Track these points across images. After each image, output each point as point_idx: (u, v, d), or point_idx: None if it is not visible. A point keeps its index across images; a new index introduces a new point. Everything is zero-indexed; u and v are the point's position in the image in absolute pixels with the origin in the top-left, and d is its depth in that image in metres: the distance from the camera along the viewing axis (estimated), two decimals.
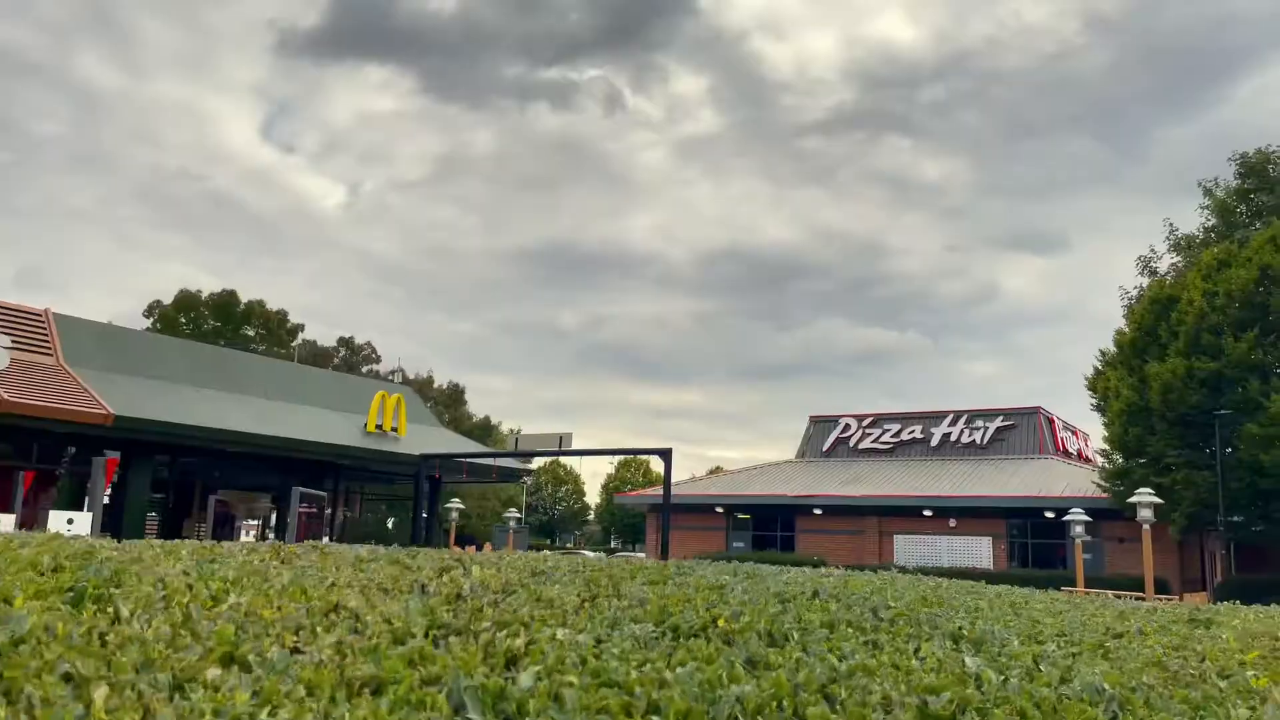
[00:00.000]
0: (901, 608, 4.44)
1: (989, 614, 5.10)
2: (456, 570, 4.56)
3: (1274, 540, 28.82)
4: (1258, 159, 31.22)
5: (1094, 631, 4.88)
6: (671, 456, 20.47)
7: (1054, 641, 4.19)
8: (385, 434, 25.32)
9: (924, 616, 4.27)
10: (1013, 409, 40.87)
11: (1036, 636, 4.30)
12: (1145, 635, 4.80)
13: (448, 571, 4.48)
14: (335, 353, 52.79)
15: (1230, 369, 26.38)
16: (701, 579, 5.19)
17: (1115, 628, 5.15)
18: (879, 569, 32.04)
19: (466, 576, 4.20)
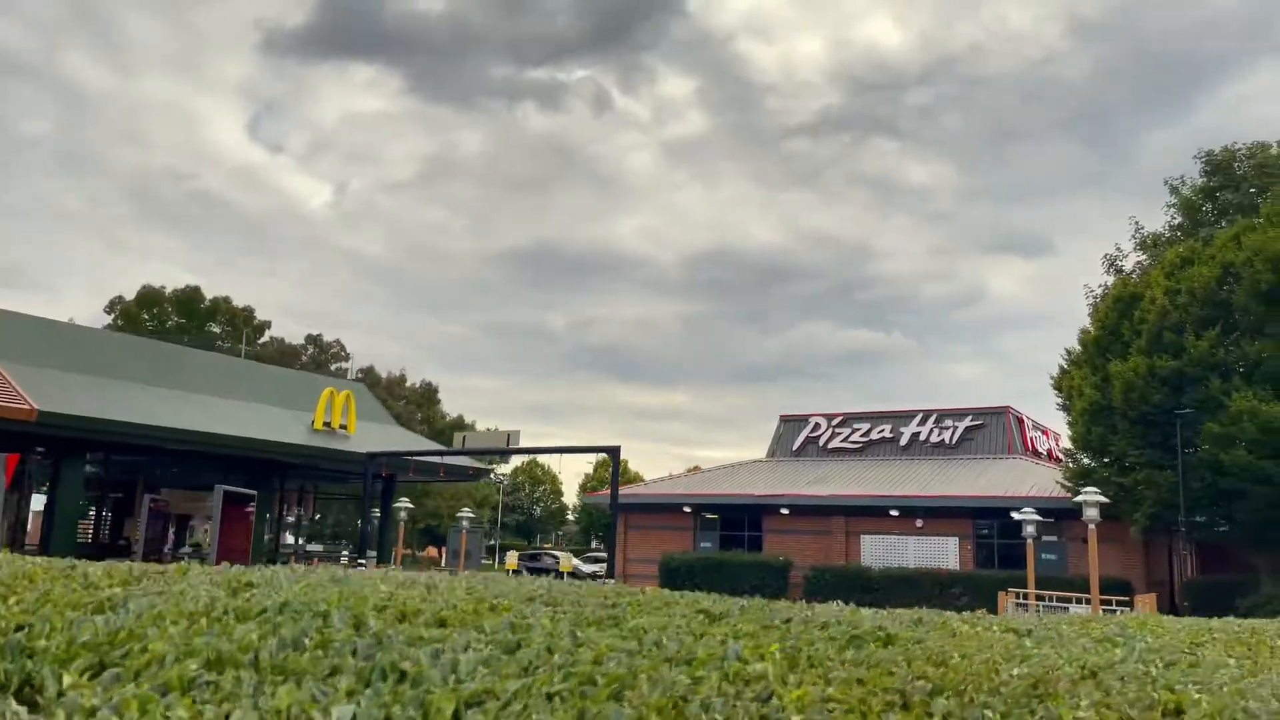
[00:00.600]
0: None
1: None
2: None
3: (1237, 541, 28.62)
4: (1224, 157, 31.02)
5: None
6: (619, 454, 20.05)
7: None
8: (334, 432, 24.84)
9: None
10: (982, 409, 40.64)
11: None
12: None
13: None
14: (303, 350, 52.19)
15: (1191, 367, 26.15)
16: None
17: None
18: (849, 566, 31.56)
19: None
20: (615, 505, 20.36)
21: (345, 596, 3.46)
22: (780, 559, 36.42)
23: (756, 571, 36.20)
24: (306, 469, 26.11)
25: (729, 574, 36.67)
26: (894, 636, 3.69)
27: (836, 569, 35.16)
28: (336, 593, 3.55)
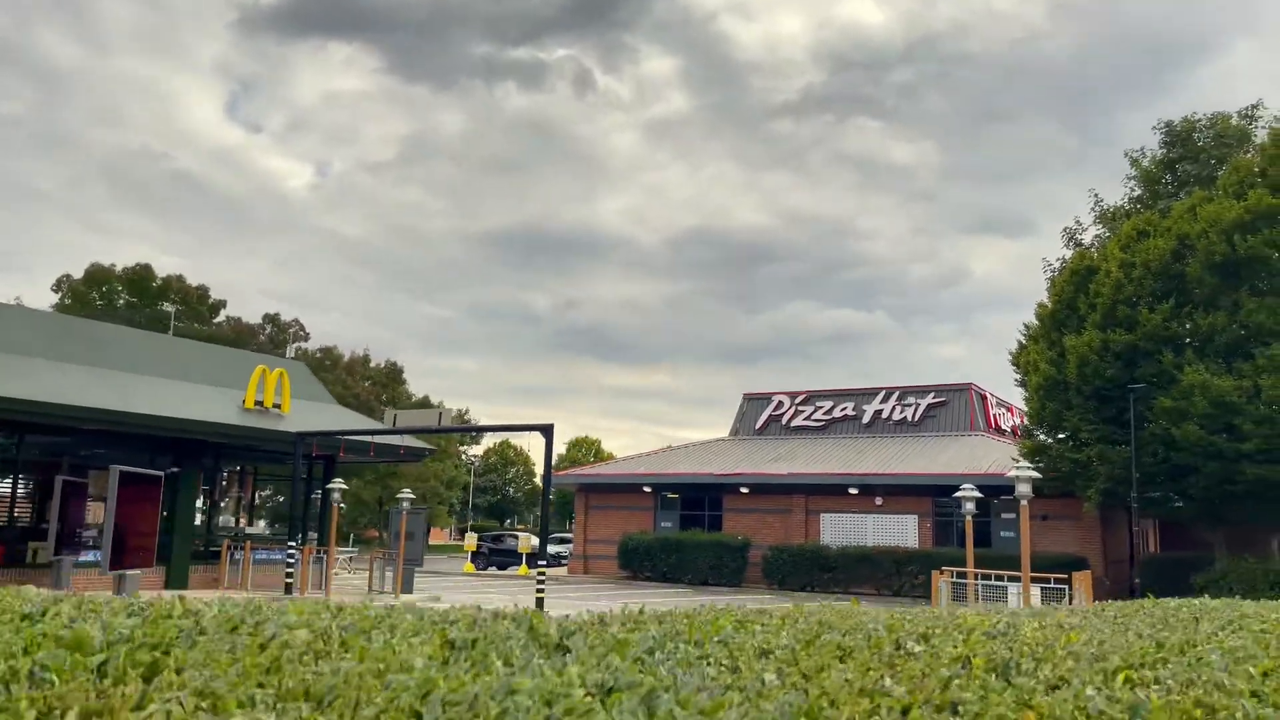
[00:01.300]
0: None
1: None
2: None
3: (1192, 517, 28.30)
4: (1183, 128, 30.49)
5: None
6: (553, 433, 19.41)
7: None
8: (267, 411, 24.10)
9: None
10: (944, 386, 40.23)
11: None
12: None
13: None
14: (261, 329, 51.25)
15: (1145, 341, 25.71)
16: None
17: None
18: (806, 545, 31.13)
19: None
20: (548, 485, 19.73)
21: None
22: (738, 538, 35.98)
23: (714, 551, 35.78)
24: (242, 449, 25.37)
25: (686, 554, 36.25)
26: None
27: (795, 548, 34.76)
28: None
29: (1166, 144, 30.60)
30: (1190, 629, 4.25)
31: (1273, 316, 24.13)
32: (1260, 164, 26.44)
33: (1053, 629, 4.03)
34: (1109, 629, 4.24)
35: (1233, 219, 24.89)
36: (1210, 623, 4.63)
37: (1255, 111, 29.93)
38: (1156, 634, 3.92)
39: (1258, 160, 26.81)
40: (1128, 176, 31.65)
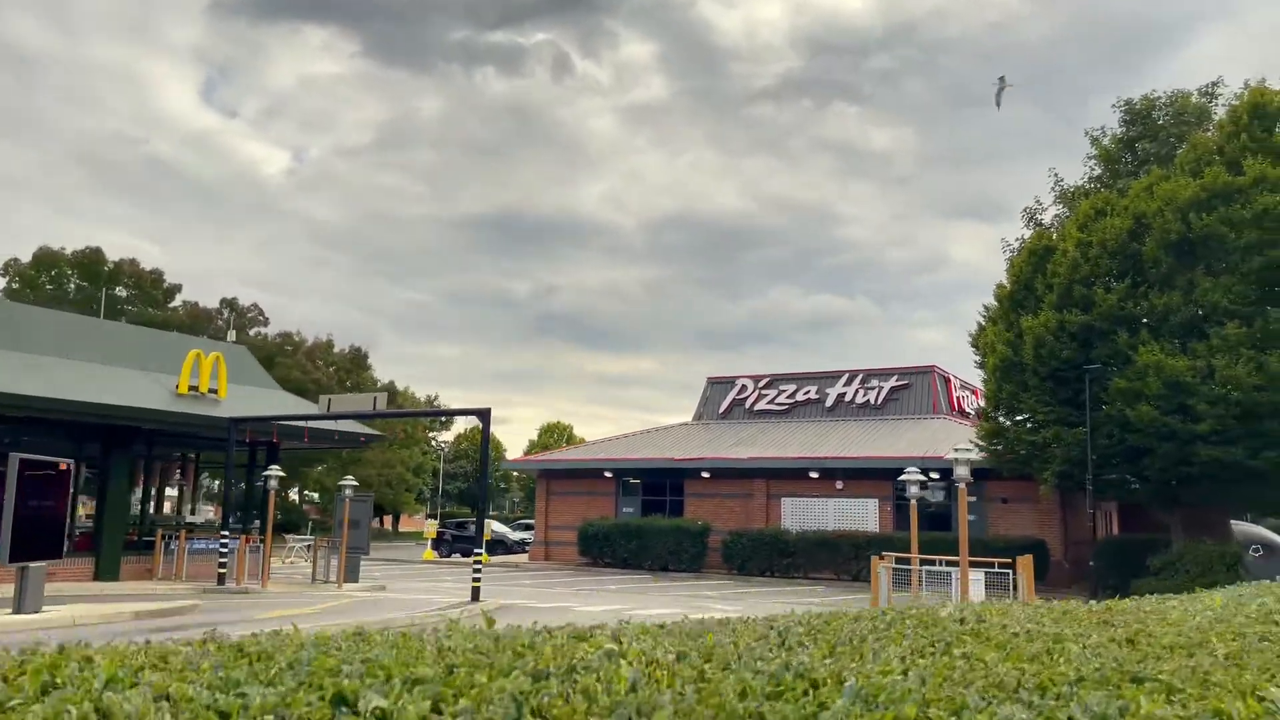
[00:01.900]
0: None
1: None
2: None
3: (1148, 499, 28.08)
4: (1143, 106, 30.11)
5: None
6: (489, 417, 18.84)
7: None
8: (202, 396, 23.38)
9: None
10: (907, 369, 39.90)
11: None
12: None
13: None
14: (218, 314, 50.24)
15: (1101, 321, 25.36)
16: None
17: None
18: (766, 530, 30.72)
19: None
20: (485, 469, 19.17)
21: None
22: (698, 523, 35.56)
23: (673, 537, 35.36)
24: (178, 436, 24.64)
25: (646, 540, 35.81)
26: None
27: (754, 533, 34.38)
28: None
29: (1126, 122, 30.23)
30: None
31: (1227, 296, 23.83)
32: (1218, 142, 26.11)
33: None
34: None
35: (1188, 197, 24.55)
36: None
37: (1215, 89, 29.60)
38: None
39: (1216, 138, 26.48)
40: (1088, 156, 31.30)
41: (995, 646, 2.81)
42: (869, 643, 2.96)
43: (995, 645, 2.83)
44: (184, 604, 17.01)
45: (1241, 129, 25.62)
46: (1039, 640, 3.21)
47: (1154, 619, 4.23)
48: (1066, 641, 3.10)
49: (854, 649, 2.76)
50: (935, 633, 3.31)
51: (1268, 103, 25.80)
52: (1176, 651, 2.79)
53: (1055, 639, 3.17)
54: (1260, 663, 2.59)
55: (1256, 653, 2.60)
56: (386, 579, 29.00)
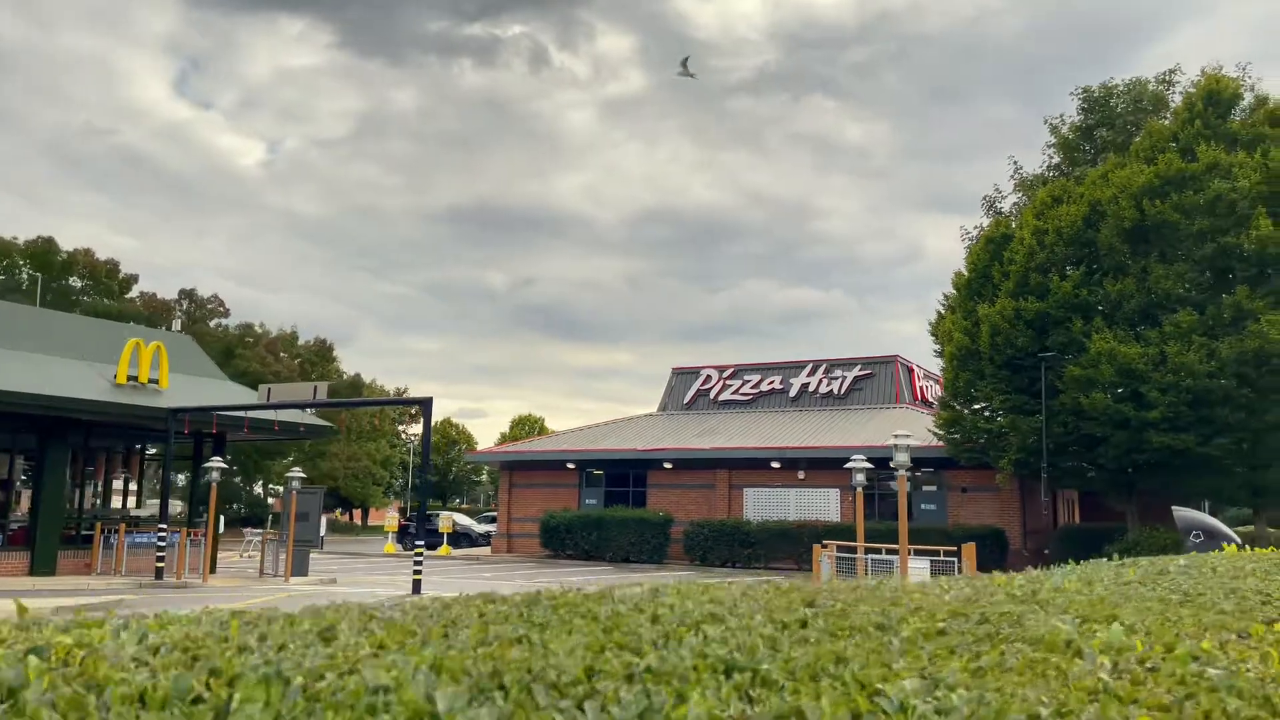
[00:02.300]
0: None
1: None
2: None
3: (1106, 487, 28.09)
4: (1101, 94, 30.01)
5: None
6: (431, 407, 18.45)
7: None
8: (142, 387, 22.82)
9: None
10: (870, 358, 39.77)
11: None
12: None
13: None
14: (177, 305, 49.41)
15: (1056, 309, 25.27)
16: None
17: None
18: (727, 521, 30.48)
19: None
20: (426, 460, 18.80)
21: None
22: (660, 515, 35.31)
23: (635, 528, 35.09)
24: (118, 428, 24.07)
25: (608, 531, 35.51)
26: None
27: (715, 524, 34.16)
28: None
29: (1084, 110, 30.13)
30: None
31: (1179, 283, 23.80)
32: (1173, 129, 26.06)
33: None
34: None
35: (1142, 184, 24.48)
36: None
37: (1172, 77, 29.54)
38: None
39: (1171, 125, 26.43)
40: (1047, 144, 31.17)
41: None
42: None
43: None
44: (112, 599, 16.54)
45: (1196, 115, 25.59)
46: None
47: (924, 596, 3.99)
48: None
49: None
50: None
51: (1222, 90, 25.77)
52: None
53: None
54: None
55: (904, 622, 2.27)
56: (343, 572, 28.58)
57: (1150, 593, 3.24)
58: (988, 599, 2.89)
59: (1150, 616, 2.41)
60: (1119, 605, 2.73)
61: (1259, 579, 3.76)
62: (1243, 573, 4.11)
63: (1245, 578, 3.83)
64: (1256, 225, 22.54)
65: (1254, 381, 22.62)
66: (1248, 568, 4.41)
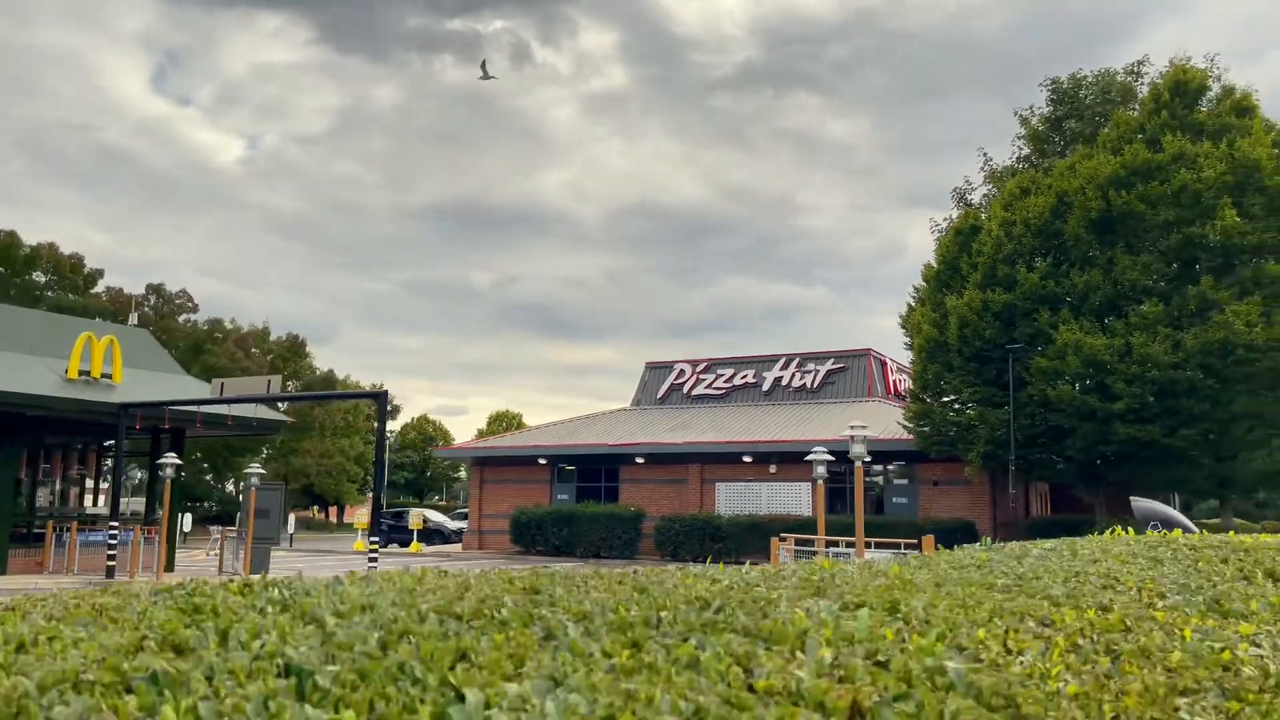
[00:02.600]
0: None
1: None
2: None
3: (1074, 479, 28.04)
4: (1070, 85, 29.92)
5: None
6: (386, 400, 18.10)
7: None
8: (95, 382, 22.32)
9: None
10: (843, 352, 39.63)
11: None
12: None
13: None
14: (144, 300, 48.67)
15: (1023, 300, 25.15)
16: None
17: None
18: (698, 515, 30.22)
19: None
20: (381, 453, 18.46)
21: None
22: (631, 509, 35.04)
23: (606, 523, 34.81)
24: (74, 424, 23.55)
25: (579, 527, 35.22)
26: None
27: (687, 519, 33.92)
28: None
29: (1054, 102, 30.03)
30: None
31: (1145, 274, 23.72)
32: (1140, 120, 25.98)
33: None
34: None
35: (1108, 174, 24.38)
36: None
37: (1140, 68, 29.48)
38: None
39: (1139, 116, 26.35)
40: (1017, 136, 31.07)
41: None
42: None
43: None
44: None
45: (1163, 106, 25.52)
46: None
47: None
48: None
49: None
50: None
51: (1189, 80, 25.71)
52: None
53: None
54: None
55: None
56: (309, 570, 28.15)
57: (980, 577, 2.99)
58: (768, 585, 2.63)
59: (949, 602, 2.16)
60: (924, 590, 2.48)
61: (1119, 562, 3.54)
62: (1109, 556, 3.88)
63: (1102, 562, 3.61)
64: (1221, 216, 22.48)
65: (1219, 372, 22.58)
66: (1115, 550, 4.18)
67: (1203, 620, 2.38)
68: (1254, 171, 23.03)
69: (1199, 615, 2.39)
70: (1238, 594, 2.88)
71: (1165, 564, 3.51)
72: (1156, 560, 3.75)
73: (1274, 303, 22.15)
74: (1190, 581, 2.97)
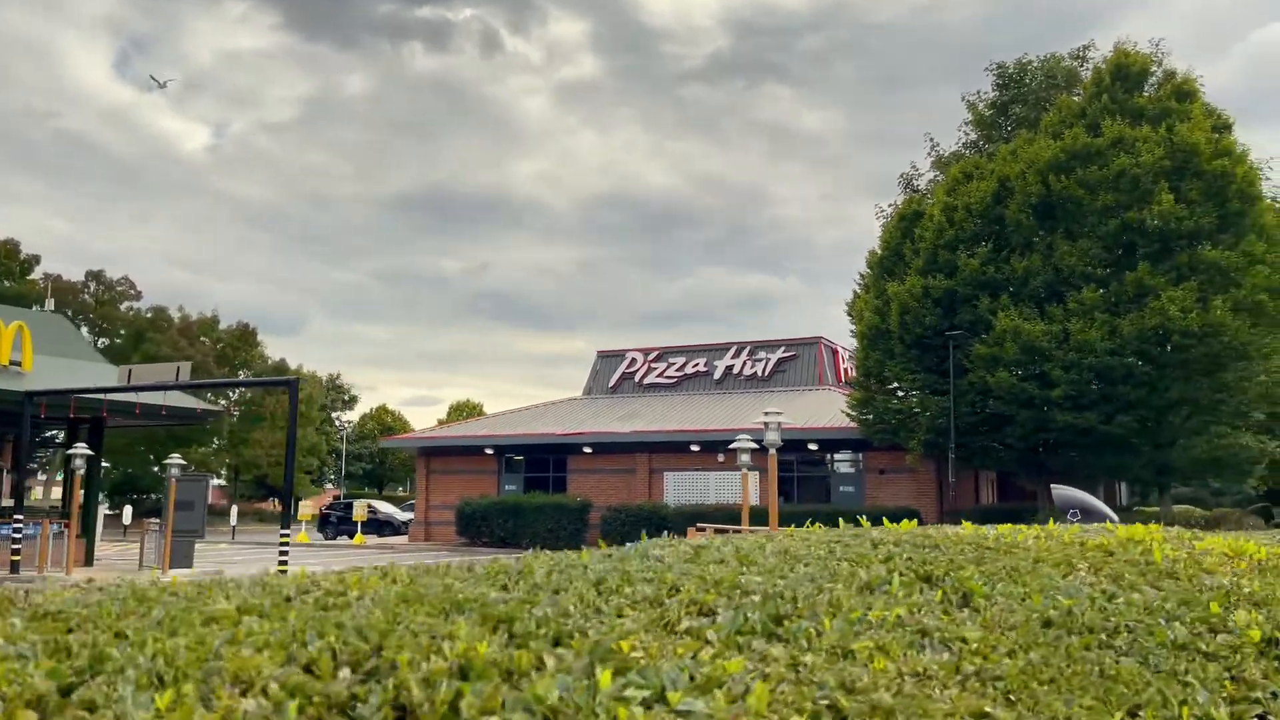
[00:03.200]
0: None
1: None
2: None
3: (1016, 467, 27.86)
4: (1016, 70, 29.62)
5: None
6: (297, 388, 17.45)
7: None
8: (3, 369, 21.44)
9: None
10: (794, 340, 39.30)
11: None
12: None
13: None
14: (83, 287, 47.39)
15: (964, 286, 24.85)
16: None
17: None
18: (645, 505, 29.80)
19: None
20: (292, 442, 17.78)
21: None
22: (577, 500, 34.55)
23: (552, 514, 34.30)
24: None
25: (524, 518, 34.68)
26: None
27: (633, 508, 33.48)
28: None
29: (1000, 86, 29.72)
30: None
31: (1084, 260, 23.47)
32: (1082, 104, 25.71)
33: None
34: None
35: (1048, 159, 24.10)
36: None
37: (1086, 52, 29.24)
38: None
39: (1081, 101, 26.09)
40: (965, 122, 30.73)
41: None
42: None
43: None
44: None
45: (1104, 90, 25.27)
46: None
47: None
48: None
49: None
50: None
51: (1131, 64, 25.46)
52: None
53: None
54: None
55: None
56: (244, 563, 27.40)
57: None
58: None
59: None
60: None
61: (743, 562, 3.10)
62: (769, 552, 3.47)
63: (729, 563, 3.21)
64: (1159, 200, 22.24)
65: (1155, 358, 22.40)
66: (791, 547, 3.73)
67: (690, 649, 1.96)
68: (1192, 156, 22.81)
69: (723, 644, 1.94)
70: (836, 606, 2.46)
71: (809, 564, 3.08)
72: (796, 559, 3.35)
73: (1209, 288, 21.96)
74: (796, 591, 2.50)
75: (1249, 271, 22.03)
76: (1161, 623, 2.89)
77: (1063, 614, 2.77)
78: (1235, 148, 23.36)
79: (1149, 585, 3.49)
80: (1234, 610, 3.09)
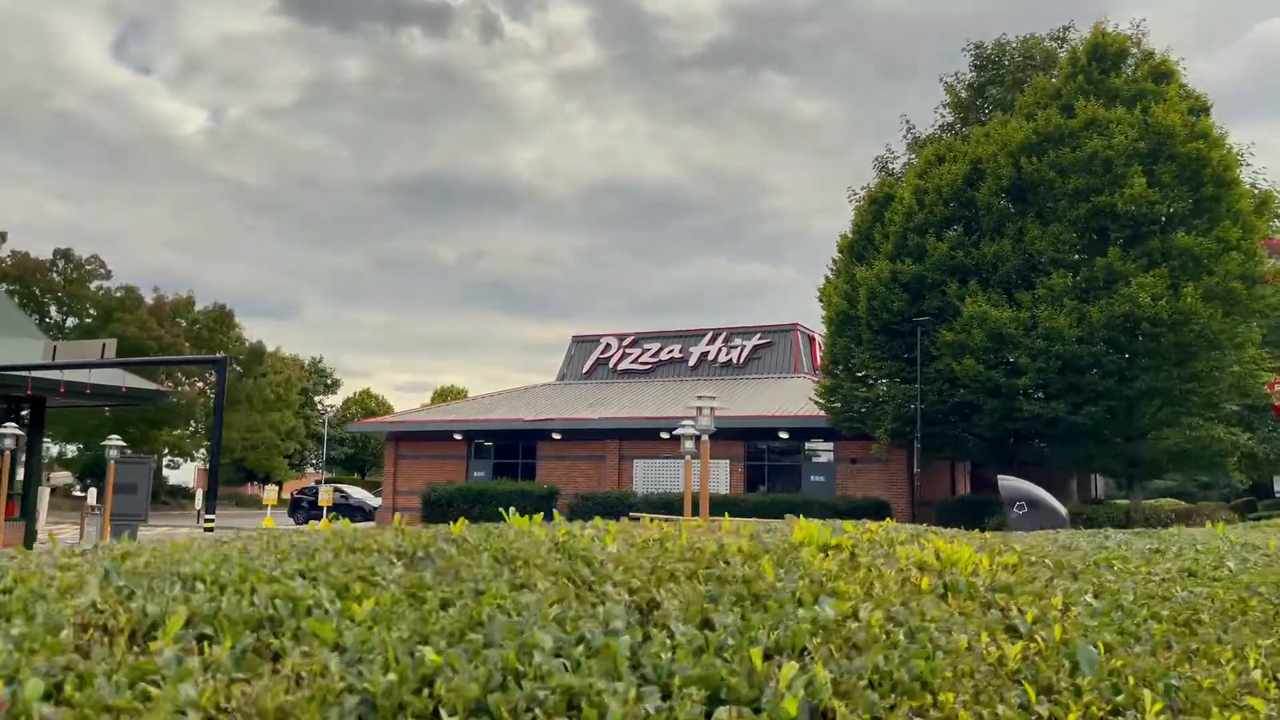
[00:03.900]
0: None
1: None
2: None
3: (985, 457, 27.22)
4: (993, 50, 28.83)
5: None
6: (225, 367, 16.78)
7: None
8: None
9: None
10: (770, 327, 38.64)
11: None
12: None
13: None
14: (51, 265, 46.60)
15: (933, 271, 24.15)
16: None
17: None
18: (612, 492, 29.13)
19: None
20: (218, 427, 17.09)
21: None
22: (544, 487, 33.91)
23: (518, 501, 33.57)
24: None
25: (490, 504, 34.02)
26: None
27: (600, 496, 32.85)
28: None
29: (977, 67, 28.95)
30: None
31: (1054, 245, 22.77)
32: (1058, 85, 24.97)
33: None
34: None
35: (1021, 141, 23.38)
36: None
37: (1065, 34, 28.45)
38: None
39: (1056, 82, 25.33)
40: (942, 104, 29.96)
41: None
42: None
43: None
44: None
45: (1079, 70, 24.53)
46: None
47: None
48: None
49: None
50: None
51: (1108, 45, 24.71)
52: None
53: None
54: None
55: None
56: None
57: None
58: None
59: None
60: None
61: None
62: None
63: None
64: (1130, 184, 21.53)
65: (1125, 347, 21.74)
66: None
67: None
68: (1167, 138, 22.09)
69: None
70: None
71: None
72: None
73: (1181, 275, 21.28)
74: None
75: (1222, 258, 21.34)
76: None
77: None
78: (1212, 130, 22.63)
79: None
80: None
